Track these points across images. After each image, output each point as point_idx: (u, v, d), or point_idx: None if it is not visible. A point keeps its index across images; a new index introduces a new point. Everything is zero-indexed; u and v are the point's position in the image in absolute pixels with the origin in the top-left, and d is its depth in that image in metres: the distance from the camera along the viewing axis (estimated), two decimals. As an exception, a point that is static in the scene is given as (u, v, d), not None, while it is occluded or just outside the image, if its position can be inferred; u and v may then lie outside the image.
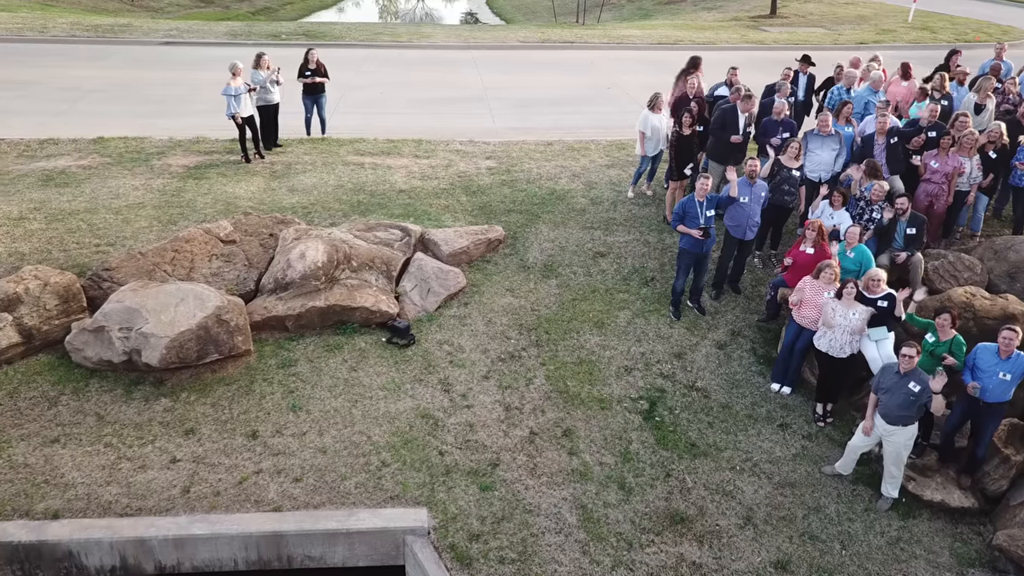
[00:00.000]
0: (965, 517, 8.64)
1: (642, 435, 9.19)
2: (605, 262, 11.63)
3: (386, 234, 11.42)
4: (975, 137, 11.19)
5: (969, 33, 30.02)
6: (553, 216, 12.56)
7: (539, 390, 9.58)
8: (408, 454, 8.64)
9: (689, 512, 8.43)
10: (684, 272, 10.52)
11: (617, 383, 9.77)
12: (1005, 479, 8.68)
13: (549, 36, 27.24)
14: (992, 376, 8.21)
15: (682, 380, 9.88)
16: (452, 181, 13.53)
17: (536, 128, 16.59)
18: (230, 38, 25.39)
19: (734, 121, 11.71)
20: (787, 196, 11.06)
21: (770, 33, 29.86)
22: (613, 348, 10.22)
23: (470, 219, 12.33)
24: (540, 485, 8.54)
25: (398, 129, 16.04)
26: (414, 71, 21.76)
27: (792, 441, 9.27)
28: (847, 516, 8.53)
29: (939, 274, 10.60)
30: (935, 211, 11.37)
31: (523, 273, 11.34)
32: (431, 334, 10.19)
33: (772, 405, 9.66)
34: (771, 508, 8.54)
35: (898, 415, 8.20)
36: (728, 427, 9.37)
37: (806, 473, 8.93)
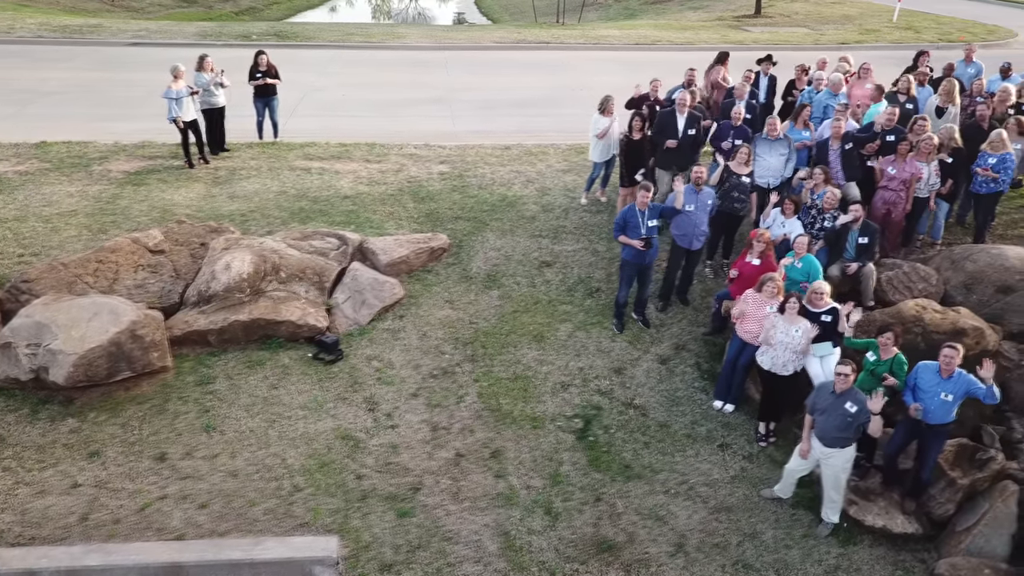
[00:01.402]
0: (909, 543, 8.23)
1: (574, 456, 8.77)
2: (551, 272, 11.21)
3: (322, 243, 11.00)
4: (933, 142, 10.77)
5: (953, 33, 29.58)
6: (502, 224, 12.14)
7: (470, 408, 9.16)
8: (323, 478, 8.22)
9: (618, 539, 8.02)
10: (626, 283, 10.10)
11: (552, 400, 9.35)
12: (951, 503, 8.26)
13: (525, 37, 26.80)
14: (933, 397, 7.80)
15: (620, 397, 9.46)
16: (401, 186, 13.11)
17: (498, 131, 16.17)
18: (200, 39, 24.94)
19: (672, 125, 11.28)
20: (737, 204, 10.64)
21: (751, 33, 29.43)
22: (551, 363, 9.80)
23: (415, 227, 11.91)
24: (462, 510, 8.13)
25: (355, 132, 15.61)
26: (381, 72, 21.32)
27: (732, 462, 8.85)
28: (784, 543, 8.12)
29: (893, 285, 10.17)
30: (893, 219, 10.94)
31: (465, 284, 10.92)
32: (361, 349, 9.78)
33: (713, 424, 9.25)
34: (705, 534, 8.13)
35: (835, 437, 7.79)
36: (665, 447, 8.95)
37: (744, 496, 8.52)
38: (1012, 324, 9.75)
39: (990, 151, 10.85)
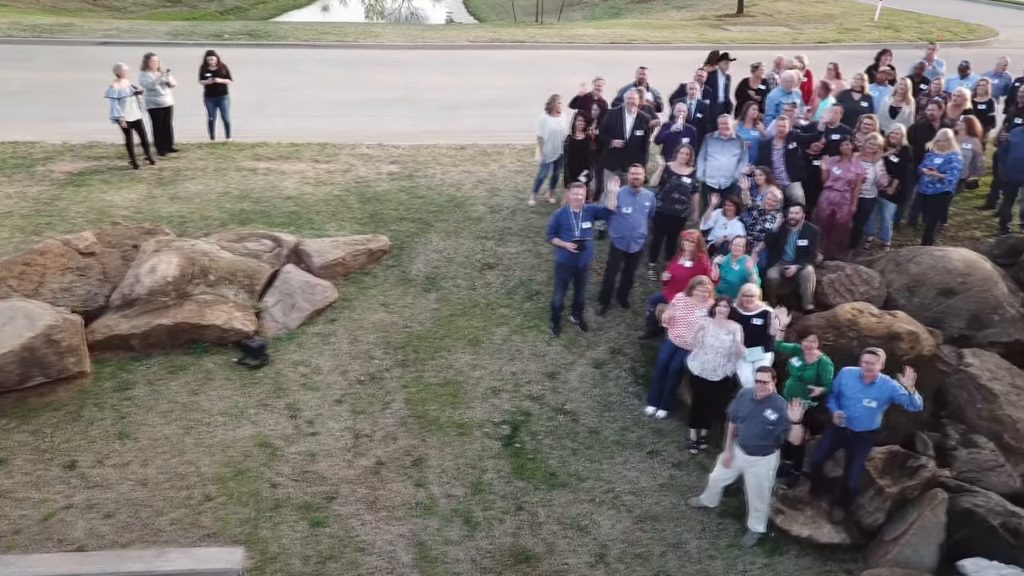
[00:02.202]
0: (836, 553, 8.03)
1: (499, 464, 8.57)
2: (492, 274, 11.00)
3: (257, 245, 10.79)
4: (878, 141, 10.57)
5: (933, 32, 29.35)
6: (447, 225, 11.94)
7: (395, 415, 8.96)
8: (237, 487, 8.01)
9: (537, 549, 7.82)
10: (561, 286, 9.89)
11: (481, 406, 9.15)
12: (881, 512, 8.06)
13: (500, 36, 26.58)
14: (857, 403, 7.60)
15: (551, 402, 9.26)
16: (347, 187, 12.90)
17: (458, 131, 15.94)
18: (171, 38, 24.71)
19: (619, 125, 11.08)
20: (678, 205, 10.44)
21: (730, 32, 29.22)
22: (484, 368, 9.60)
23: (357, 228, 11.70)
24: (378, 520, 7.93)
25: (315, 132, 15.37)
26: (350, 72, 21.08)
27: (660, 470, 8.65)
28: (708, 553, 7.92)
29: (834, 288, 9.97)
30: (838, 220, 10.74)
31: (402, 286, 10.71)
32: (288, 354, 9.57)
33: (644, 430, 9.05)
34: (627, 545, 7.94)
35: (756, 445, 7.59)
36: (593, 454, 8.75)
37: (671, 505, 8.32)
38: (952, 328, 9.56)
39: (936, 151, 10.65)
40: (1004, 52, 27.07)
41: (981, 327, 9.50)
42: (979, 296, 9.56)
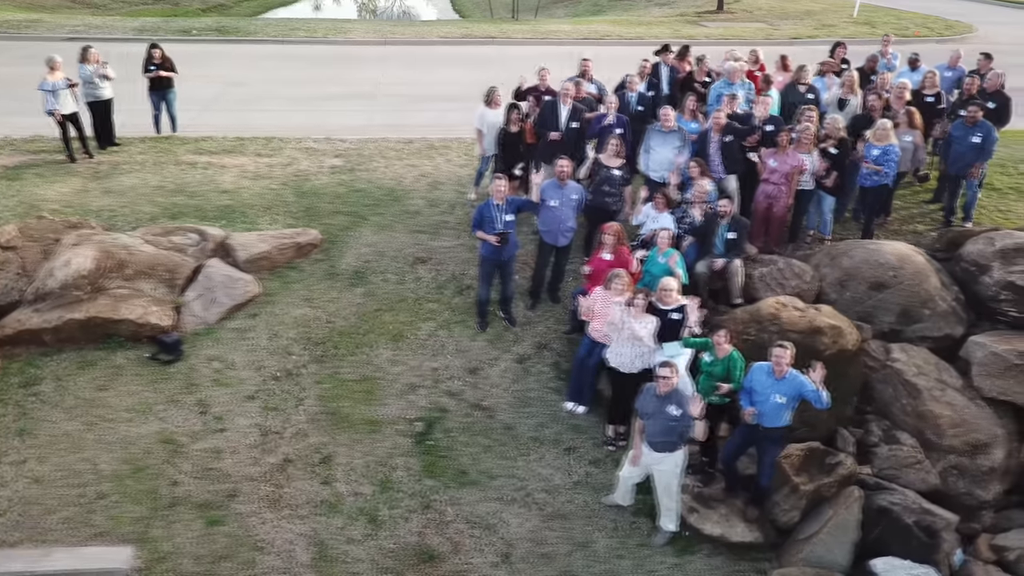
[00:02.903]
0: (750, 552, 7.85)
1: (409, 461, 8.37)
2: (423, 269, 10.79)
3: (183, 239, 10.59)
4: (812, 132, 10.36)
5: (910, 28, 29.18)
6: (382, 219, 11.73)
7: (307, 412, 8.75)
8: (134, 484, 7.82)
9: (442, 549, 7.63)
10: (486, 280, 9.68)
11: (397, 403, 8.94)
12: (796, 510, 7.88)
13: (472, 32, 26.35)
14: (767, 399, 7.40)
15: (469, 398, 9.05)
16: (286, 181, 12.69)
17: (411, 125, 15.71)
18: (138, 33, 24.43)
19: (554, 117, 10.88)
20: (608, 198, 10.23)
21: (706, 29, 28.99)
22: (404, 363, 9.39)
23: (290, 222, 11.49)
24: (279, 519, 7.73)
25: (267, 126, 15.13)
26: (315, 68, 20.83)
27: (576, 467, 8.45)
28: (617, 552, 7.72)
29: (765, 282, 9.77)
30: (775, 213, 10.54)
31: (329, 281, 10.50)
32: (204, 349, 9.36)
33: (562, 426, 8.84)
34: (534, 544, 7.75)
35: (661, 441, 7.40)
36: (507, 451, 8.55)
37: (583, 503, 8.13)
38: (883, 323, 9.37)
39: (874, 142, 10.44)
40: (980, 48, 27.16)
41: (911, 321, 9.30)
42: (910, 290, 9.35)
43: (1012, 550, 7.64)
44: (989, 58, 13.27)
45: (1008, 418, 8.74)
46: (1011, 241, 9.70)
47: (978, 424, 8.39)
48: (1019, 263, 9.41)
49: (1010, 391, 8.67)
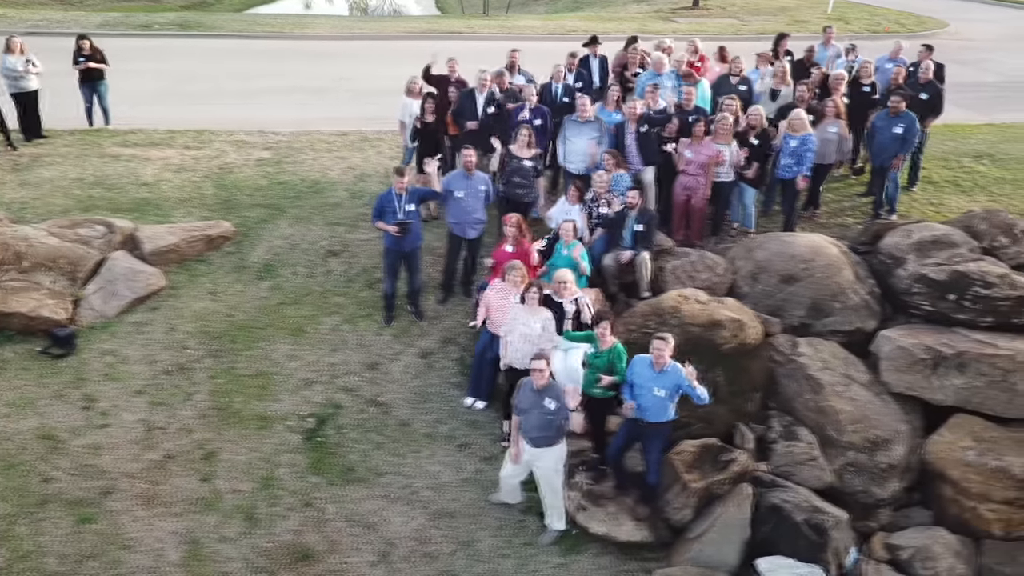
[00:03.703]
0: (640, 552, 7.63)
1: (295, 458, 8.14)
2: (335, 262, 10.56)
3: (90, 231, 10.36)
4: (729, 123, 10.14)
5: (882, 23, 28.98)
6: (301, 211, 11.50)
7: (196, 407, 8.52)
8: (4, 481, 7.57)
9: (318, 548, 7.40)
10: (390, 273, 9.46)
11: (290, 399, 8.71)
12: (688, 508, 7.65)
13: (437, 27, 26.13)
14: (647, 392, 7.18)
15: (365, 394, 8.83)
16: (208, 173, 12.46)
17: (352, 118, 15.46)
18: (101, 28, 24.24)
19: (471, 107, 10.66)
20: (520, 189, 10.00)
21: (676, 24, 28.78)
22: (302, 358, 9.16)
23: (205, 214, 11.26)
24: (153, 516, 7.49)
25: (203, 120, 14.86)
26: (271, 62, 20.53)
27: (467, 464, 8.23)
28: (501, 552, 7.50)
29: (676, 275, 9.54)
30: (694, 205, 10.32)
31: (237, 274, 10.28)
32: (99, 343, 9.13)
33: (458, 422, 8.62)
34: (416, 543, 7.52)
35: (539, 436, 7.18)
36: (399, 448, 8.32)
37: (470, 501, 7.90)
38: (793, 316, 9.15)
39: (791, 132, 10.22)
40: (949, 43, 26.96)
41: (822, 315, 9.07)
42: (821, 283, 9.13)
43: (905, 549, 7.42)
44: (930, 50, 13.03)
45: (915, 414, 8.52)
46: (928, 234, 9.48)
47: (880, 420, 8.16)
48: (934, 256, 9.19)
49: (917, 386, 8.45)
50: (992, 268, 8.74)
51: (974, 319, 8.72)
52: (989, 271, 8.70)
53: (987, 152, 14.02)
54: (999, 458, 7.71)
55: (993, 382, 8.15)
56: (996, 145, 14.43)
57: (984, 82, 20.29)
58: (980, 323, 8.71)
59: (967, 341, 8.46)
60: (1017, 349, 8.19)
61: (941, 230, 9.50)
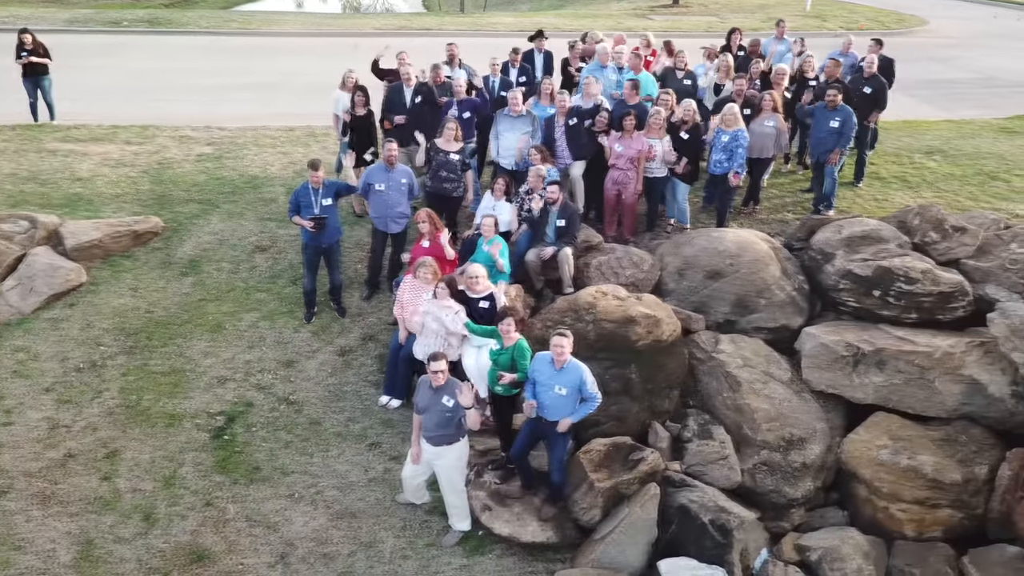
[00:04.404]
0: (546, 553, 7.47)
1: (200, 457, 7.98)
2: (262, 257, 10.41)
3: (12, 226, 10.19)
4: (662, 117, 9.98)
5: (859, 21, 28.83)
6: (235, 207, 11.34)
7: (104, 405, 8.36)
8: None
9: (216, 548, 7.24)
10: (310, 269, 9.30)
11: (201, 396, 8.55)
12: (596, 508, 7.48)
13: (409, 24, 25.95)
14: (548, 390, 7.02)
15: (279, 392, 8.67)
16: (147, 169, 12.29)
17: (303, 114, 15.26)
18: (68, 24, 24.15)
19: (400, 100, 10.50)
20: (447, 184, 9.84)
21: (652, 22, 28.59)
22: (217, 355, 9.00)
23: (137, 210, 11.10)
24: (47, 516, 7.34)
25: (152, 115, 14.69)
26: (235, 59, 20.37)
27: (376, 463, 8.07)
28: (403, 553, 7.34)
29: (600, 271, 9.38)
30: (625, 200, 10.15)
31: (161, 270, 10.12)
32: (12, 339, 8.97)
33: (371, 421, 8.46)
34: (316, 543, 7.35)
35: (438, 435, 7.02)
36: (308, 447, 8.16)
37: (376, 501, 7.74)
38: (717, 313, 8.99)
39: (724, 127, 10.05)
40: (926, 40, 26.86)
41: (746, 312, 8.91)
42: (745, 279, 8.97)
43: (814, 550, 7.25)
44: (879, 44, 12.89)
45: (836, 412, 8.37)
46: (858, 229, 9.32)
47: (797, 419, 8.00)
48: (862, 251, 9.02)
49: (837, 384, 8.29)
50: (916, 264, 8.58)
51: (898, 315, 8.56)
52: (913, 266, 8.53)
53: (940, 148, 13.85)
54: (912, 457, 7.55)
55: (911, 379, 7.99)
56: (950, 141, 14.27)
57: (953, 79, 20.14)
58: (904, 319, 8.55)
59: (887, 338, 8.30)
60: (935, 346, 8.02)
61: (871, 225, 9.34)
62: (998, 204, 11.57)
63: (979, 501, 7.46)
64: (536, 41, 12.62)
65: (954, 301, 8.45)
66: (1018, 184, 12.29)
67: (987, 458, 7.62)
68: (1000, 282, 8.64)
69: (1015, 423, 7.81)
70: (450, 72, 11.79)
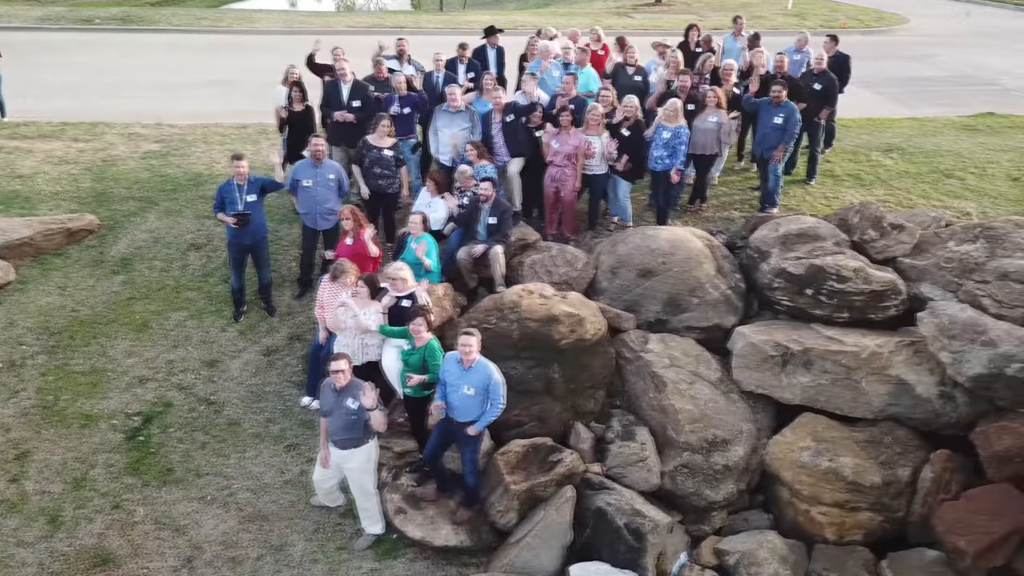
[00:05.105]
0: (461, 557, 7.32)
1: (113, 458, 7.83)
2: (196, 255, 10.26)
3: (-59, 224, 10.04)
4: (600, 113, 9.81)
5: (839, 19, 28.67)
6: (174, 204, 11.18)
7: (19, 406, 8.21)
8: None
9: (121, 552, 7.10)
10: (235, 266, 9.15)
11: (120, 397, 8.40)
12: (512, 511, 7.33)
13: (382, 22, 25.76)
14: (456, 391, 6.86)
15: (199, 392, 8.51)
16: (90, 166, 12.13)
17: (262, 111, 15.01)
18: (40, 22, 23.99)
19: (336, 97, 10.34)
20: (381, 180, 9.68)
21: (632, 20, 28.49)
22: (140, 355, 8.85)
23: (74, 207, 10.93)
24: (-51, 520, 7.18)
25: (107, 112, 14.50)
26: (202, 56, 20.18)
27: (293, 465, 7.91)
28: (312, 557, 7.19)
29: (534, 269, 9.22)
30: (563, 198, 9.99)
31: (92, 268, 9.96)
32: (-69, 339, 8.82)
33: (291, 422, 8.31)
34: (224, 547, 7.21)
35: (344, 438, 6.87)
36: (224, 448, 8.01)
37: (290, 503, 7.59)
38: (649, 312, 8.82)
39: (665, 123, 9.89)
40: (905, 39, 26.71)
41: (678, 311, 8.74)
42: (678, 277, 8.80)
43: (732, 554, 7.09)
44: (835, 40, 12.76)
45: (766, 413, 8.21)
46: (795, 227, 9.15)
47: (721, 420, 7.83)
48: (797, 249, 8.85)
49: (767, 384, 8.13)
50: (848, 262, 8.41)
51: (830, 315, 8.40)
52: (845, 265, 8.37)
53: (899, 146, 13.68)
54: (833, 459, 7.38)
55: (837, 380, 7.82)
56: (911, 139, 14.10)
57: (925, 76, 19.95)
58: (836, 319, 8.39)
59: (817, 338, 8.13)
60: (863, 346, 7.85)
61: (808, 223, 9.17)
62: (949, 202, 11.42)
63: (901, 504, 7.30)
64: (489, 38, 12.45)
65: (886, 300, 8.28)
66: (972, 182, 12.14)
67: (911, 460, 7.46)
68: (935, 281, 8.48)
69: (941, 424, 7.64)
70: (399, 67, 11.68)
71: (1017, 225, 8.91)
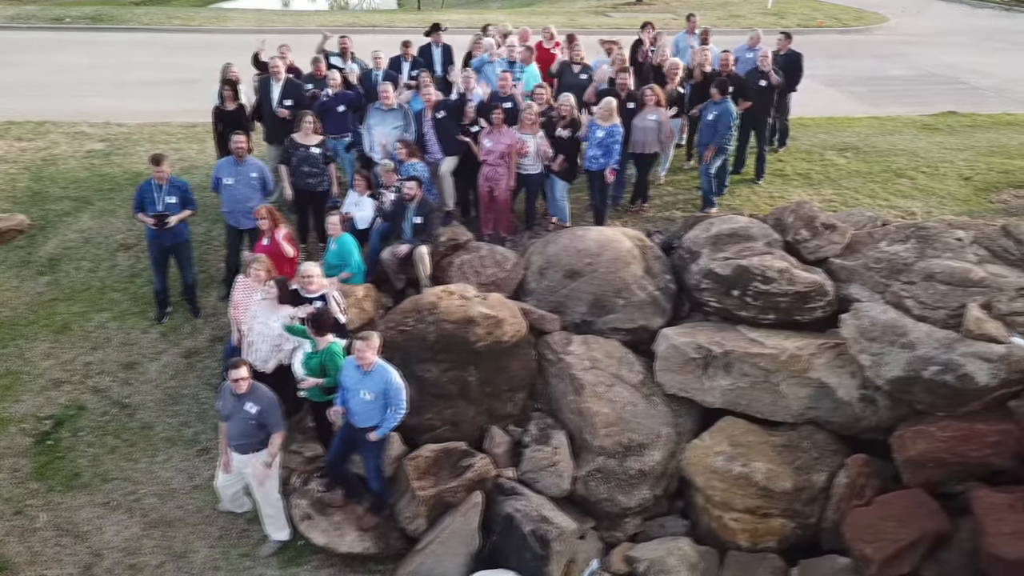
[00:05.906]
0: (368, 564, 7.19)
1: (19, 463, 7.67)
2: (125, 256, 10.10)
3: None
4: (535, 112, 9.67)
5: (817, 17, 28.54)
6: (110, 204, 11.02)
7: (-73, 409, 8.06)
8: None
9: (18, 559, 6.95)
10: (156, 267, 8.99)
11: (33, 400, 8.24)
12: (420, 518, 7.19)
13: (357, 21, 25.56)
14: (355, 395, 6.71)
15: (114, 395, 8.36)
16: (29, 165, 11.97)
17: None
18: (10, 21, 23.82)
19: (266, 94, 10.20)
20: (310, 179, 9.53)
21: (609, 19, 28.36)
22: (58, 357, 8.69)
23: (7, 207, 10.77)
24: None
25: (56, 111, 14.30)
26: (165, 55, 19.98)
27: (204, 469, 7.76)
28: (215, 564, 7.05)
29: (462, 270, 9.07)
30: (497, 197, 9.85)
31: (18, 268, 9.80)
32: None
33: (205, 426, 8.14)
34: (124, 554, 7.06)
35: (243, 443, 6.73)
36: (134, 452, 7.86)
37: (197, 509, 7.44)
38: (575, 313, 8.68)
39: (599, 122, 9.74)
40: (884, 38, 26.57)
41: (603, 312, 8.60)
42: (604, 278, 8.65)
43: (641, 561, 6.95)
44: (788, 38, 12.68)
45: (688, 417, 8.07)
46: (726, 226, 9.00)
47: (639, 423, 7.69)
48: (727, 250, 8.71)
49: (689, 387, 7.98)
50: (774, 263, 8.26)
51: (756, 316, 8.25)
52: (770, 266, 8.22)
53: (855, 145, 13.54)
54: (745, 464, 7.23)
55: (756, 383, 7.67)
56: (868, 138, 13.95)
57: (894, 75, 19.81)
58: (761, 320, 8.24)
59: (739, 340, 7.99)
60: (781, 348, 7.70)
61: (740, 223, 9.03)
62: (896, 201, 11.29)
63: (814, 510, 7.15)
64: (433, 35, 12.31)
65: (812, 301, 8.14)
66: (922, 181, 12.00)
67: (828, 465, 7.32)
68: (864, 282, 8.33)
69: (861, 428, 7.50)
70: (343, 65, 11.55)
71: (950, 225, 8.77)
